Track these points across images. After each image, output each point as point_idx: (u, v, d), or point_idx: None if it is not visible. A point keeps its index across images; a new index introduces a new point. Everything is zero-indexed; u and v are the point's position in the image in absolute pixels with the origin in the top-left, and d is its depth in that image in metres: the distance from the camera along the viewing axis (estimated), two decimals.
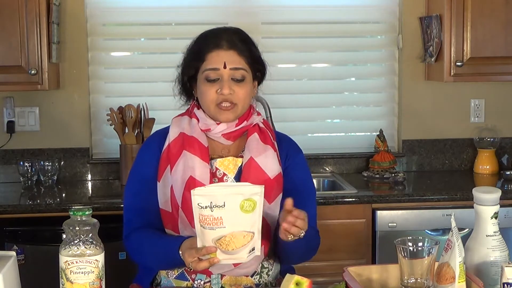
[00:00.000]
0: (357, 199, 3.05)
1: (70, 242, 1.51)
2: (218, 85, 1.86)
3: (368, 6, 3.68)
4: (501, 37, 3.30)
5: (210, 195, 1.62)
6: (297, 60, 3.70)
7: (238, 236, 1.65)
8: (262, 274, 1.92)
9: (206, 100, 1.88)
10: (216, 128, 1.91)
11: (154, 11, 3.56)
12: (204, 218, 1.63)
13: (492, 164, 3.57)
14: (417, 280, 1.54)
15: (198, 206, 1.62)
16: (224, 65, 1.86)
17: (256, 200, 1.65)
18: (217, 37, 1.90)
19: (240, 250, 1.66)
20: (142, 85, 3.60)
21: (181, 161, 1.87)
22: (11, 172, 3.44)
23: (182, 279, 1.89)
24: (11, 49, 3.10)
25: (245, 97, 1.89)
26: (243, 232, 1.65)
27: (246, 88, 1.89)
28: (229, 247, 1.65)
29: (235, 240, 1.65)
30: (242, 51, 1.89)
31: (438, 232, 3.03)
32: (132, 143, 3.33)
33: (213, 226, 1.63)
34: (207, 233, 1.64)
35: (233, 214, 1.63)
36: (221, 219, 1.62)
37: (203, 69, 1.88)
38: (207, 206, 1.62)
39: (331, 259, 2.97)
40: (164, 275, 1.91)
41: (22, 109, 3.47)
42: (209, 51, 1.88)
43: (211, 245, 1.64)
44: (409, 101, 3.68)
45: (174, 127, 1.94)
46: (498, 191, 1.72)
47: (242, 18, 3.55)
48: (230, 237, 1.64)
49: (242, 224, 1.65)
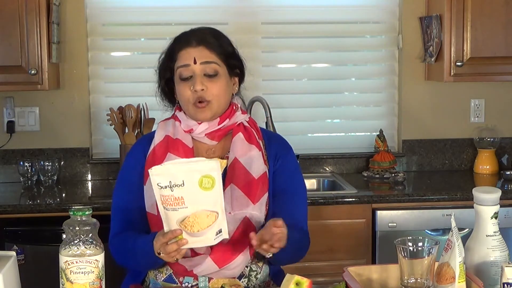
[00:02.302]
0: (357, 199, 3.05)
1: (70, 242, 1.51)
2: (191, 83, 1.87)
3: (368, 6, 3.68)
4: (501, 37, 3.30)
5: (169, 174, 1.61)
6: (297, 60, 3.70)
7: (202, 215, 1.64)
8: (251, 277, 1.90)
9: (183, 99, 1.89)
10: (198, 128, 1.90)
11: (154, 11, 3.56)
12: (165, 199, 1.62)
13: (492, 164, 3.57)
14: (417, 280, 1.54)
15: (158, 186, 1.62)
16: (194, 61, 1.86)
17: (214, 176, 1.64)
18: (187, 35, 1.92)
19: (206, 232, 1.65)
20: (142, 85, 3.58)
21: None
22: (11, 172, 3.44)
23: (170, 281, 1.88)
24: (11, 49, 3.10)
25: (219, 93, 1.88)
26: (206, 212, 1.64)
27: (219, 83, 1.88)
28: (194, 229, 1.64)
29: (199, 221, 1.64)
30: (212, 46, 1.89)
31: (438, 232, 3.03)
32: (132, 143, 3.31)
33: (175, 207, 1.62)
34: (170, 215, 1.64)
35: (193, 192, 1.62)
36: (182, 199, 1.62)
37: (175, 68, 1.90)
38: (167, 185, 1.61)
39: (331, 259, 2.97)
40: (153, 278, 1.91)
41: (22, 109, 3.47)
42: (180, 50, 1.89)
43: (176, 228, 1.64)
44: (409, 101, 3.68)
45: (160, 130, 1.96)
46: (498, 191, 1.72)
47: (242, 18, 3.56)
48: (193, 218, 1.63)
49: (203, 202, 1.64)
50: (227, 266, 1.82)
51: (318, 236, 2.19)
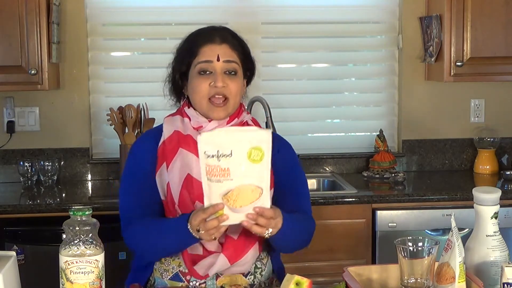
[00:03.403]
0: (357, 199, 3.05)
1: (70, 242, 1.51)
2: (211, 78, 1.86)
3: (368, 6, 3.68)
4: (501, 37, 3.30)
5: (217, 142, 1.57)
6: (297, 60, 3.70)
7: (246, 190, 1.59)
8: (256, 274, 1.91)
9: (198, 94, 1.88)
10: (208, 126, 1.90)
11: (154, 11, 3.56)
12: (210, 169, 1.57)
13: (492, 164, 3.58)
14: (417, 280, 1.54)
15: (204, 154, 1.57)
16: (218, 58, 1.86)
17: (264, 149, 1.60)
18: (210, 33, 1.92)
19: (248, 208, 1.60)
20: (142, 85, 3.60)
21: (178, 159, 1.87)
22: (11, 172, 3.44)
23: (177, 280, 1.88)
24: (11, 49, 3.10)
25: (237, 92, 1.89)
26: (251, 186, 1.59)
27: (238, 82, 1.90)
28: (236, 204, 1.59)
29: (242, 195, 1.59)
30: (234, 45, 1.91)
31: (438, 232, 3.03)
32: (132, 143, 3.32)
33: (220, 178, 1.57)
34: (214, 187, 1.59)
35: (240, 164, 1.57)
36: (228, 170, 1.57)
37: (196, 63, 1.88)
38: (214, 155, 1.57)
39: (331, 259, 2.97)
40: (158, 276, 1.90)
41: (22, 109, 3.47)
42: (202, 46, 1.89)
43: (218, 202, 1.59)
44: (409, 101, 3.68)
45: (168, 125, 1.94)
46: (498, 191, 1.72)
47: (242, 18, 3.55)
48: (237, 191, 1.58)
49: (249, 176, 1.59)
50: (237, 262, 1.82)
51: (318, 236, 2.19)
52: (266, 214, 1.65)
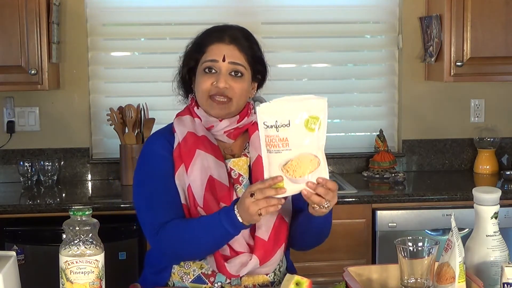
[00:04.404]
0: (357, 199, 3.05)
1: (70, 242, 1.50)
2: (214, 78, 1.85)
3: (368, 6, 3.68)
4: (501, 37, 3.30)
5: (275, 112, 1.56)
6: (297, 60, 3.70)
7: (305, 159, 1.58)
8: (276, 271, 1.91)
9: (200, 90, 1.87)
10: (218, 125, 1.89)
11: (154, 11, 3.56)
12: (270, 139, 1.56)
13: (492, 164, 3.58)
14: (417, 280, 1.54)
15: (264, 125, 1.56)
16: (223, 58, 1.85)
17: (320, 118, 1.61)
18: (221, 31, 1.90)
19: (307, 178, 1.59)
20: (142, 85, 3.60)
21: (197, 161, 1.84)
22: (11, 172, 3.44)
23: (199, 282, 1.85)
24: (11, 49, 3.10)
25: (240, 93, 1.87)
26: (310, 155, 1.59)
27: (243, 84, 1.87)
28: (296, 174, 1.57)
29: (302, 165, 1.57)
30: (243, 47, 1.89)
31: (438, 232, 3.03)
32: (132, 143, 3.33)
33: (279, 149, 1.56)
34: (273, 158, 1.57)
35: (298, 133, 1.57)
36: (286, 140, 1.56)
37: (203, 60, 1.88)
38: (272, 125, 1.56)
39: (331, 259, 2.97)
40: (178, 280, 1.87)
41: (22, 109, 3.47)
42: (211, 44, 1.88)
43: (277, 174, 1.57)
44: (409, 101, 3.68)
45: (179, 126, 1.91)
46: (498, 191, 1.72)
47: (242, 18, 3.55)
48: (296, 161, 1.57)
49: (308, 145, 1.58)
50: (266, 263, 1.82)
51: None
52: (328, 185, 1.62)
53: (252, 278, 1.86)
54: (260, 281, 1.87)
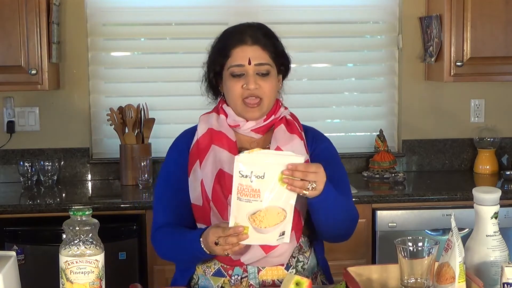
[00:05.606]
0: (357, 199, 3.04)
1: (70, 242, 1.51)
2: (243, 80, 1.88)
3: (368, 6, 3.68)
4: (501, 37, 3.30)
5: (252, 164, 1.60)
6: (297, 60, 3.67)
7: (273, 212, 1.63)
8: (297, 268, 1.91)
9: (232, 95, 1.90)
10: (245, 125, 1.92)
11: (154, 11, 3.56)
12: (242, 188, 1.61)
13: (492, 164, 3.58)
14: (417, 280, 1.54)
15: (239, 174, 1.60)
16: (249, 61, 1.87)
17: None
18: (241, 32, 1.92)
19: (272, 230, 1.64)
20: (142, 85, 3.60)
21: (210, 155, 1.89)
22: (11, 172, 3.44)
23: (219, 275, 1.88)
24: (11, 49, 3.10)
25: (270, 91, 1.90)
26: (278, 209, 1.63)
27: (271, 82, 1.91)
28: (262, 224, 1.62)
29: (269, 217, 1.62)
30: (266, 46, 1.92)
31: (438, 232, 3.03)
32: (132, 143, 3.33)
33: (250, 198, 1.61)
34: (242, 206, 1.62)
35: (270, 186, 1.61)
36: (258, 192, 1.61)
37: (228, 65, 1.89)
38: (247, 175, 1.60)
39: (331, 259, 2.94)
40: (201, 273, 1.91)
41: (22, 109, 3.47)
42: (234, 47, 1.89)
43: (244, 221, 1.62)
44: (409, 101, 3.68)
45: (202, 124, 1.96)
46: (498, 191, 1.72)
47: (242, 18, 3.49)
48: (264, 213, 1.62)
49: (277, 198, 1.63)
50: (272, 253, 1.81)
51: None
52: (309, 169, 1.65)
53: (271, 272, 1.86)
54: (280, 275, 1.86)
